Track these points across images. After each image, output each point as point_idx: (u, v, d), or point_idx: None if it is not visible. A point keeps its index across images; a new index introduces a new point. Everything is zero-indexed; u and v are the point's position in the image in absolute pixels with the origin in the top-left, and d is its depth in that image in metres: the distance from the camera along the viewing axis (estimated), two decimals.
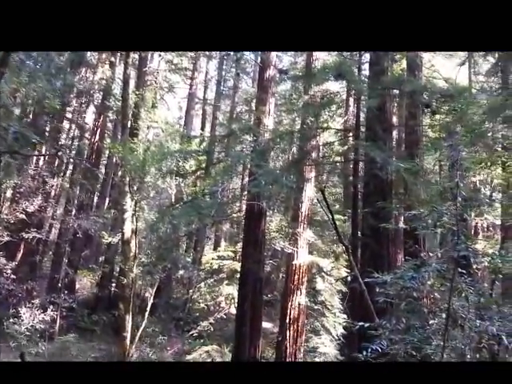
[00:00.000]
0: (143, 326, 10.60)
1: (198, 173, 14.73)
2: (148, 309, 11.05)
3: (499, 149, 8.94)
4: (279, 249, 12.78)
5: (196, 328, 13.22)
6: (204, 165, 14.61)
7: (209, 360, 11.91)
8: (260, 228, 11.93)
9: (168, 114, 20.90)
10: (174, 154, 13.19)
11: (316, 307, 11.50)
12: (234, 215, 14.66)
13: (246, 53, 20.14)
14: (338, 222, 10.63)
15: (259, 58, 14.21)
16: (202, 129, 21.86)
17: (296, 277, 11.09)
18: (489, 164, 8.97)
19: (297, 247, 11.28)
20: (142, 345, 11.26)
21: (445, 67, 13.54)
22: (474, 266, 6.74)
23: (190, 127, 20.54)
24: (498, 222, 10.11)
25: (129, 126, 13.51)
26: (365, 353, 5.25)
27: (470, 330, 5.22)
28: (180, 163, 13.32)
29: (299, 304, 10.92)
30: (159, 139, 18.37)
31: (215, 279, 14.49)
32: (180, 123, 22.12)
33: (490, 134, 8.72)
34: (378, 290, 7.43)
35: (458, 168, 7.80)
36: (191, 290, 14.43)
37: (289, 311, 10.95)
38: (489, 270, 7.58)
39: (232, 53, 17.71)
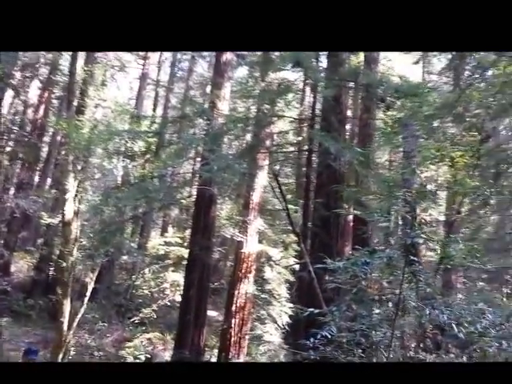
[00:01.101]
0: (82, 311, 10.14)
1: (148, 155, 14.20)
2: (88, 294, 10.59)
3: (448, 145, 9.14)
4: (228, 236, 12.60)
5: (138, 315, 12.86)
6: (154, 147, 14.10)
7: (150, 347, 11.62)
8: (210, 214, 11.72)
9: (118, 93, 20.16)
10: (122, 134, 12.64)
11: (263, 296, 11.44)
12: (184, 200, 14.29)
13: None
14: (284, 212, 10.60)
15: None
16: (154, 111, 21.24)
17: (244, 265, 10.97)
18: (437, 160, 9.15)
19: (246, 235, 11.16)
20: (81, 331, 10.79)
21: (399, 64, 13.80)
22: (422, 255, 6.85)
23: (140, 108, 19.89)
24: (442, 218, 10.41)
25: (75, 103, 12.86)
26: (312, 339, 5.20)
27: (420, 319, 5.29)
28: (128, 144, 12.77)
29: (246, 292, 10.82)
30: (107, 119, 17.61)
31: (161, 265, 14.13)
32: (130, 104, 21.35)
33: (440, 131, 8.93)
34: (327, 278, 7.45)
35: (414, 156, 7.92)
36: (134, 276, 14.03)
37: (235, 299, 10.83)
38: (435, 261, 7.75)
39: None
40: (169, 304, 13.66)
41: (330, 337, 5.00)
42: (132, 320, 12.91)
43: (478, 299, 5.74)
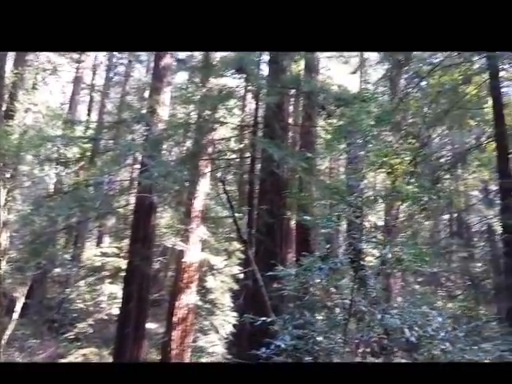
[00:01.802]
0: (11, 328, 9.42)
1: (82, 162, 13.55)
2: (17, 309, 9.87)
3: (387, 153, 9.40)
4: (169, 246, 12.24)
5: (72, 330, 12.15)
6: (89, 153, 13.48)
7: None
8: (149, 223, 11.32)
9: (50, 97, 19.18)
10: (54, 139, 11.98)
11: (206, 306, 11.19)
12: (121, 209, 13.78)
13: None
14: (232, 220, 10.45)
15: None
16: (89, 116, 20.38)
17: (186, 275, 10.69)
18: (377, 167, 9.39)
19: (188, 244, 10.90)
20: (10, 349, 10.02)
21: (338, 73, 14.14)
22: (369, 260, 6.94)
23: (74, 113, 19.01)
24: (381, 223, 10.70)
25: (4, 107, 12.09)
26: (264, 349, 5.09)
27: (370, 324, 5.32)
28: (61, 150, 12.11)
29: (188, 303, 10.54)
30: (38, 124, 16.67)
31: (97, 277, 13.47)
32: (63, 108, 20.38)
33: (380, 139, 9.20)
34: (275, 285, 7.38)
35: (357, 162, 8.06)
36: (68, 289, 13.27)
37: (177, 311, 10.52)
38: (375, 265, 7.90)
39: None
40: (105, 318, 13.03)
41: (283, 346, 4.90)
42: (66, 336, 12.19)
43: (422, 303, 5.88)
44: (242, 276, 10.45)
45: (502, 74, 8.17)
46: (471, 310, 7.32)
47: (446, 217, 14.37)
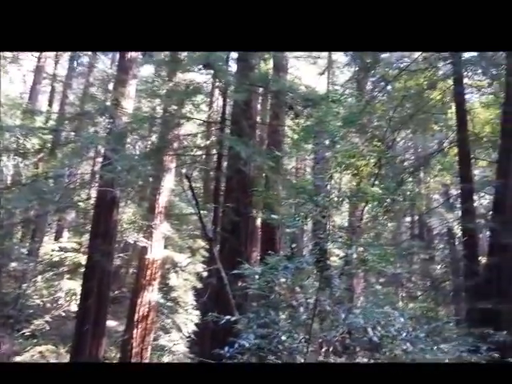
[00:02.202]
0: None
1: (42, 153, 13.10)
2: None
3: (353, 154, 9.50)
4: (131, 242, 11.99)
5: (29, 327, 11.74)
6: (49, 145, 13.04)
7: (42, 361, 10.66)
8: (111, 218, 11.04)
9: (10, 86, 18.48)
10: (13, 130, 11.54)
11: (168, 304, 11.03)
12: (82, 203, 13.39)
13: None
14: (196, 217, 10.32)
15: None
16: (50, 106, 19.72)
17: (148, 272, 10.52)
18: (343, 168, 9.47)
19: (151, 241, 10.72)
20: None
21: (306, 74, 14.22)
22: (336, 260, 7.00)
23: (35, 103, 18.37)
24: (346, 224, 10.85)
25: None
26: (227, 348, 5.03)
27: (334, 323, 5.35)
28: (20, 141, 11.68)
29: (150, 301, 10.38)
30: None
31: (55, 273, 13.07)
32: (23, 98, 19.66)
33: (346, 140, 9.29)
34: (240, 284, 7.33)
35: (324, 163, 8.10)
36: (25, 285, 12.79)
37: (138, 308, 10.34)
38: (339, 265, 7.98)
39: None
40: (63, 314, 12.66)
41: (247, 345, 4.85)
42: (22, 332, 11.75)
43: (384, 303, 5.97)
44: (205, 274, 10.37)
45: (465, 80, 8.39)
46: (431, 310, 7.50)
47: (409, 219, 14.76)
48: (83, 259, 12.05)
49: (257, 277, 5.78)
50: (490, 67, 7.77)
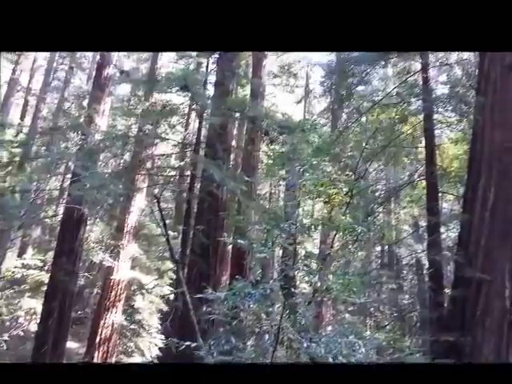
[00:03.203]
0: None
1: (10, 167, 12.79)
2: None
3: (325, 183, 9.59)
4: (97, 261, 11.70)
5: None
6: (18, 158, 12.76)
7: None
8: (78, 236, 10.79)
9: None
10: None
11: (132, 326, 10.73)
12: (48, 219, 13.06)
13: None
14: (164, 238, 10.17)
15: (98, 56, 13.31)
16: (22, 120, 19.36)
17: (113, 293, 10.27)
18: (315, 196, 9.54)
19: (118, 261, 10.49)
20: None
21: (283, 102, 14.41)
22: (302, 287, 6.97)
23: (6, 116, 18.00)
24: (316, 252, 10.85)
25: None
26: None
27: (297, 352, 5.28)
28: None
29: (113, 323, 10.10)
30: None
31: (16, 290, 12.58)
32: None
33: (319, 169, 9.40)
34: (204, 309, 7.20)
35: (296, 190, 8.13)
36: None
37: (100, 330, 10.04)
38: (308, 293, 7.96)
39: None
40: (22, 334, 12.15)
41: None
42: None
43: (350, 332, 5.94)
44: (172, 297, 10.16)
45: (435, 116, 8.64)
46: (397, 341, 7.50)
47: (378, 248, 14.90)
48: (46, 277, 11.67)
49: (224, 302, 5.71)
50: (459, 105, 8.04)
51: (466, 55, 9.92)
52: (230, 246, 11.23)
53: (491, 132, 6.75)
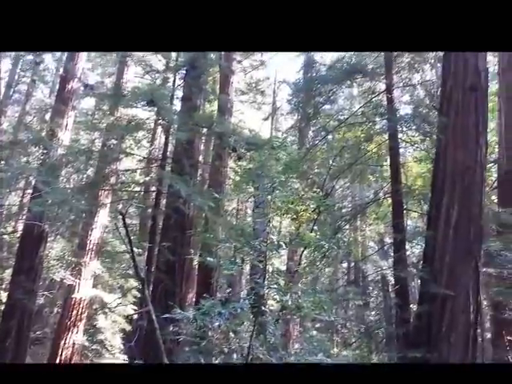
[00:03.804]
0: None
1: None
2: None
3: (293, 200, 9.62)
4: (58, 279, 11.30)
5: None
6: None
7: None
8: (38, 253, 10.43)
9: None
10: None
11: (94, 347, 10.37)
12: (6, 236, 12.56)
13: (49, 60, 18.26)
14: (129, 255, 9.93)
15: (61, 69, 13.08)
16: None
17: (74, 312, 9.94)
18: (282, 212, 9.56)
19: (79, 279, 10.17)
20: None
21: (251, 118, 14.47)
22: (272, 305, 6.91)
23: None
24: (284, 268, 10.83)
25: None
26: None
27: None
28: None
29: (74, 343, 9.74)
30: None
31: None
32: None
33: (287, 185, 9.44)
34: (171, 328, 7.03)
35: (264, 206, 8.11)
36: None
37: (60, 351, 9.67)
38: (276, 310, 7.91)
39: (32, 56, 15.86)
40: None
41: None
42: None
43: (318, 350, 5.93)
44: (136, 316, 9.90)
45: (400, 135, 8.84)
46: (364, 358, 7.54)
47: (345, 265, 15.05)
48: (4, 296, 11.18)
49: (189, 321, 5.59)
50: (422, 124, 8.26)
51: (428, 76, 10.29)
52: (197, 263, 11.08)
53: (454, 151, 6.95)
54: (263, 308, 5.64)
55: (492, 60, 10.78)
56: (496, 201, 9.52)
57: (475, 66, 7.07)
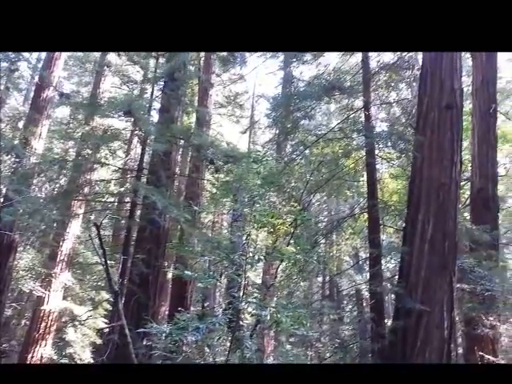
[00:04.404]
0: None
1: None
2: None
3: (270, 213, 9.61)
4: (27, 290, 10.96)
5: None
6: None
7: None
8: (7, 264, 10.12)
9: None
10: None
11: (62, 360, 10.04)
12: None
13: (24, 68, 17.91)
14: (102, 267, 9.71)
15: (37, 77, 12.89)
16: None
17: (43, 324, 9.66)
18: (260, 226, 9.53)
19: (49, 290, 9.90)
20: None
21: (229, 131, 14.47)
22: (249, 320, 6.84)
23: None
24: (259, 281, 10.79)
25: None
26: None
27: None
28: None
29: (42, 356, 9.45)
30: None
31: None
32: None
33: (265, 199, 9.44)
34: (144, 342, 6.88)
35: (242, 220, 8.07)
36: None
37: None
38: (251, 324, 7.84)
39: (6, 64, 15.55)
40: None
41: None
42: None
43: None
44: (107, 329, 9.65)
45: (376, 152, 8.97)
46: None
47: (320, 279, 15.07)
48: None
49: (163, 335, 5.47)
50: (398, 142, 8.41)
51: (404, 95, 10.51)
52: (171, 276, 10.92)
53: (429, 168, 7.09)
54: (241, 322, 5.57)
55: (466, 80, 11.10)
56: (469, 218, 9.73)
57: (451, 85, 7.26)
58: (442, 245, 6.69)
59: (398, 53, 10.04)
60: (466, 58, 9.89)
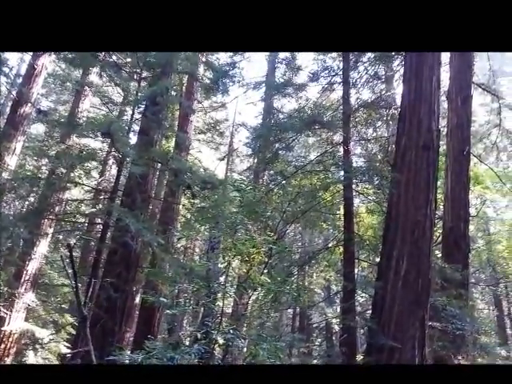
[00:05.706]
0: None
1: None
2: None
3: (246, 242, 9.55)
4: None
5: None
6: None
7: None
8: None
9: None
10: None
11: None
12: None
13: (1, 82, 17.62)
14: (68, 289, 9.40)
15: (14, 92, 12.71)
16: None
17: (2, 346, 9.19)
18: (233, 254, 9.45)
19: (11, 311, 9.49)
20: None
21: (207, 157, 14.47)
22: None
23: None
24: (229, 311, 10.61)
25: None
26: None
27: None
28: None
29: None
30: None
31: None
32: None
33: (241, 227, 9.38)
34: None
35: (217, 247, 7.97)
36: None
37: None
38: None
39: None
40: None
41: None
42: None
43: None
44: (69, 354, 9.25)
45: (354, 186, 9.09)
46: None
47: (291, 311, 14.91)
48: None
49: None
50: (375, 177, 8.56)
51: (380, 132, 10.76)
52: (140, 301, 10.63)
53: (405, 206, 7.20)
54: (215, 353, 5.45)
55: (441, 122, 11.46)
56: (439, 255, 9.87)
57: (428, 126, 7.46)
58: (415, 281, 6.73)
59: (378, 91, 10.34)
60: (443, 101, 10.24)
